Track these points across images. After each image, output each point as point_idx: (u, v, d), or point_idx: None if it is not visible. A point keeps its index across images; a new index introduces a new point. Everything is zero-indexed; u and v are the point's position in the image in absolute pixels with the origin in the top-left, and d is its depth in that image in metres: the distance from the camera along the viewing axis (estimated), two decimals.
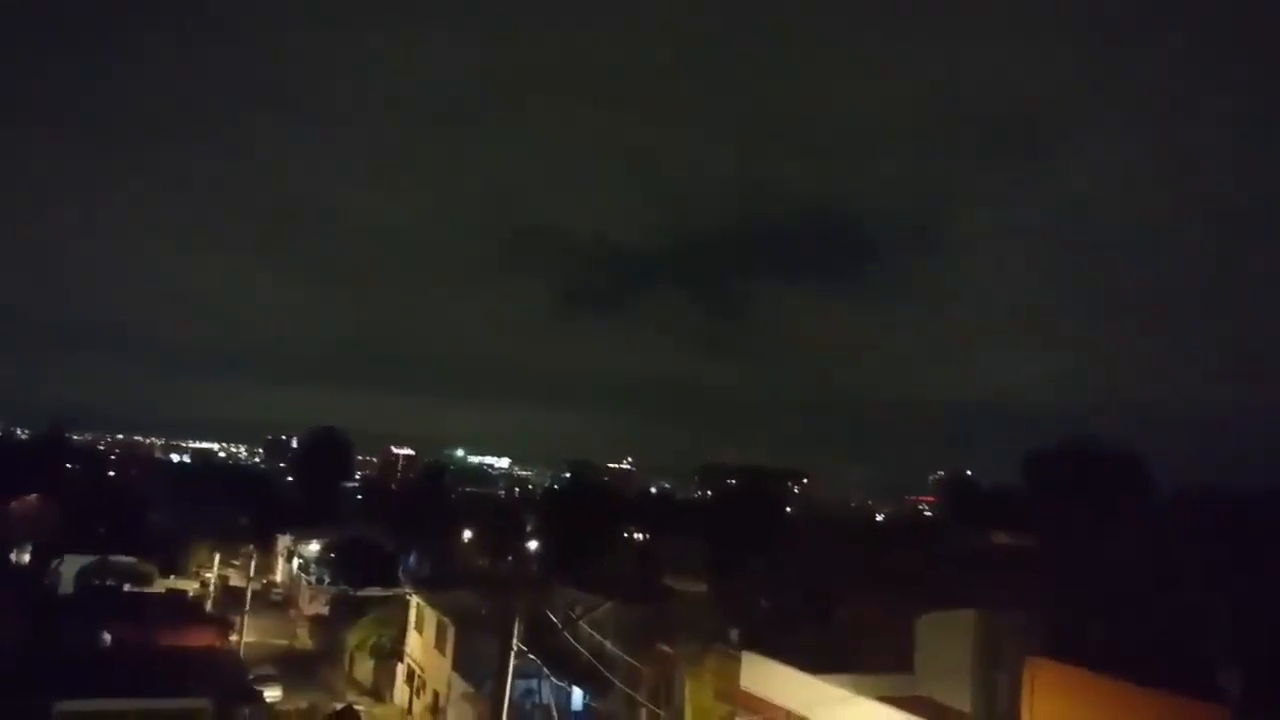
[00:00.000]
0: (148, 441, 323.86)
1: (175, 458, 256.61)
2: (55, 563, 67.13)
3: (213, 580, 69.17)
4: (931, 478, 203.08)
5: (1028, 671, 16.52)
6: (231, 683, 46.03)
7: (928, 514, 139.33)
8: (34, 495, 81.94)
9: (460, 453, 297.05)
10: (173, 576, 75.79)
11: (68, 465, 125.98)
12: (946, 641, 22.05)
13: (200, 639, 50.08)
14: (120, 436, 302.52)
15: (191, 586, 72.32)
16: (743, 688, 24.19)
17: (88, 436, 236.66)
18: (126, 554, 69.98)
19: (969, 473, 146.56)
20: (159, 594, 65.41)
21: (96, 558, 67.59)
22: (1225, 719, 13.27)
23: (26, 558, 70.99)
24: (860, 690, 20.79)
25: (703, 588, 42.77)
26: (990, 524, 60.02)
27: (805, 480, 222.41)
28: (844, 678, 21.81)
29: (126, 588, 65.24)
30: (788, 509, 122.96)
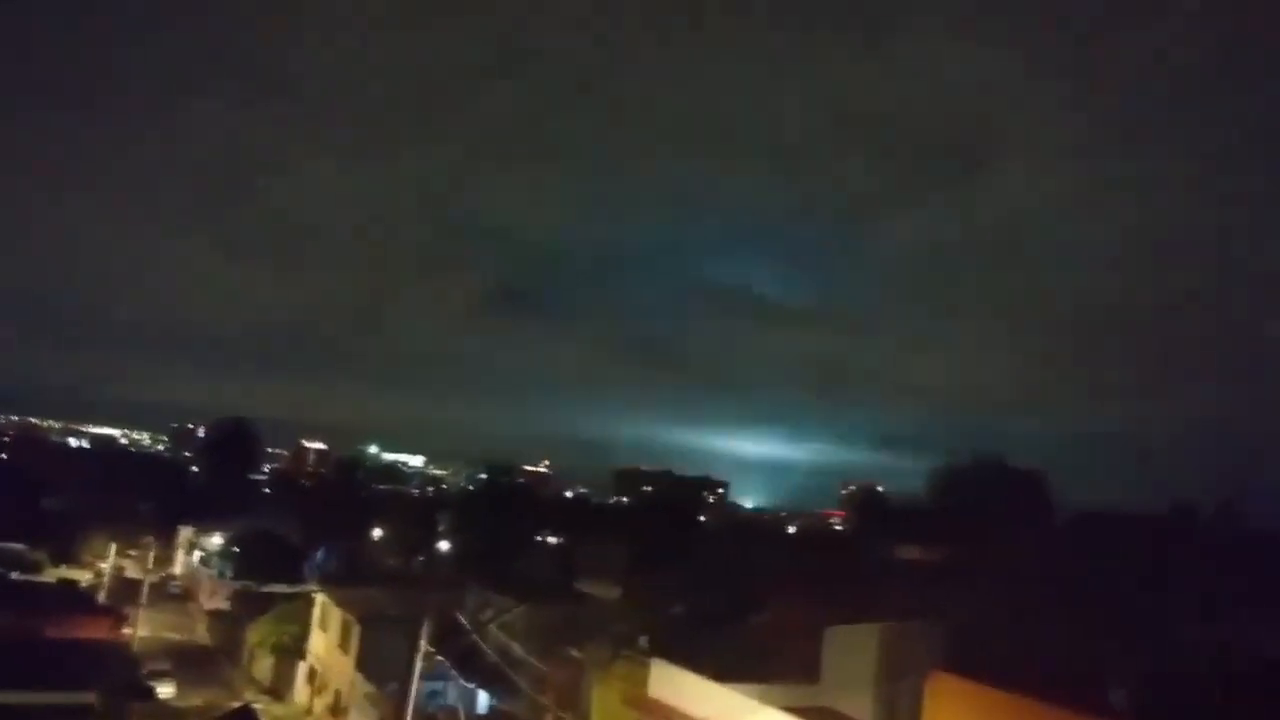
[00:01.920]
0: (44, 424, 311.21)
1: (74, 442, 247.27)
2: None
3: (107, 571, 66.81)
4: (843, 491, 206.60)
5: (929, 684, 16.84)
6: (122, 677, 44.44)
7: (838, 527, 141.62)
8: None
9: (374, 449, 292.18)
10: (65, 566, 73.13)
11: None
12: (852, 653, 22.37)
13: (91, 631, 48.27)
14: (15, 418, 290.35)
15: (84, 576, 69.85)
16: (651, 695, 24.17)
17: None
18: (16, 541, 67.30)
19: (879, 488, 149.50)
20: (49, 583, 62.95)
21: None
22: None
23: None
24: (767, 700, 20.93)
25: (615, 592, 42.71)
26: (898, 538, 61.33)
27: (720, 489, 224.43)
28: (751, 687, 21.94)
29: (14, 575, 62.58)
30: (702, 517, 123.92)
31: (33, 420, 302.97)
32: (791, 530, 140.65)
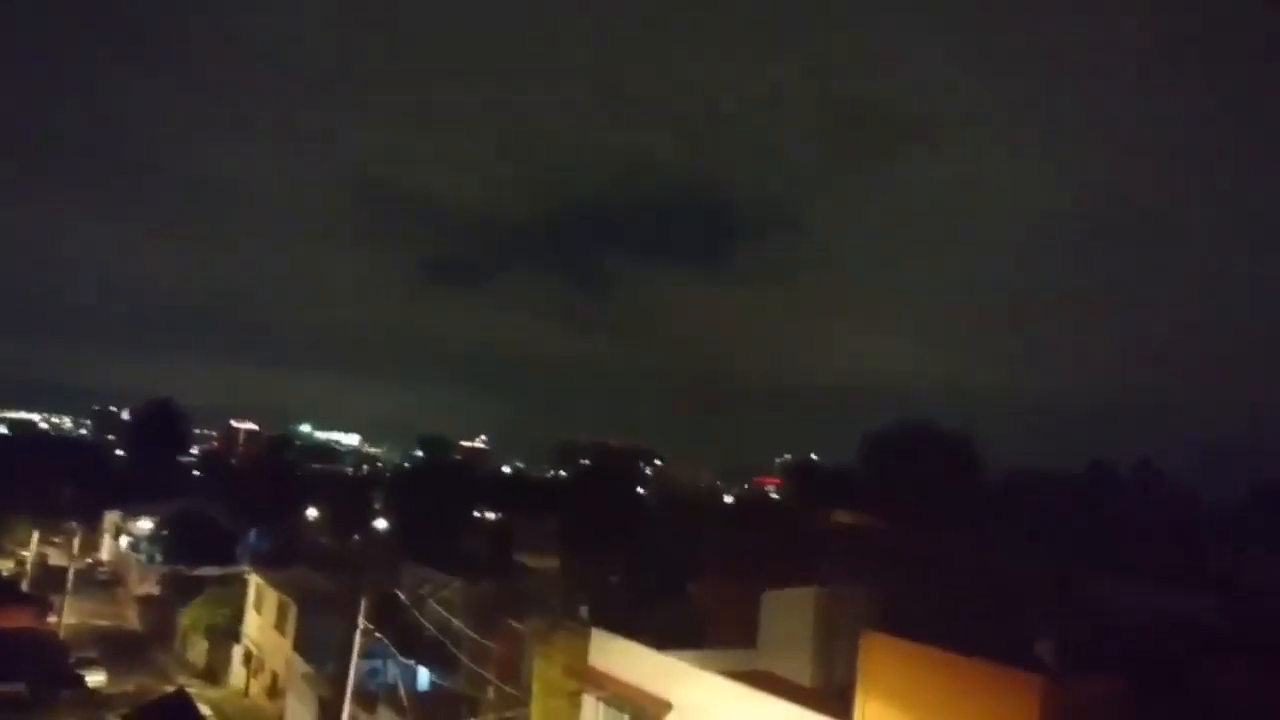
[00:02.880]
0: None
1: None
2: None
3: (30, 558, 64.97)
4: (778, 460, 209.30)
5: (862, 644, 17.26)
6: (50, 666, 43.51)
7: (774, 496, 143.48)
8: None
9: (307, 428, 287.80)
10: None
11: None
12: (787, 617, 22.79)
13: (15, 620, 47.17)
14: None
15: (6, 565, 67.94)
16: (591, 664, 24.35)
17: None
18: None
19: (813, 456, 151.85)
20: None
21: None
22: (1041, 685, 14.20)
23: None
24: (705, 665, 21.24)
25: (554, 564, 42.91)
26: (832, 504, 62.47)
27: (657, 461, 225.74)
28: (690, 654, 22.25)
29: None
30: (640, 489, 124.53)
31: None
32: (728, 499, 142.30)
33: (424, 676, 35.12)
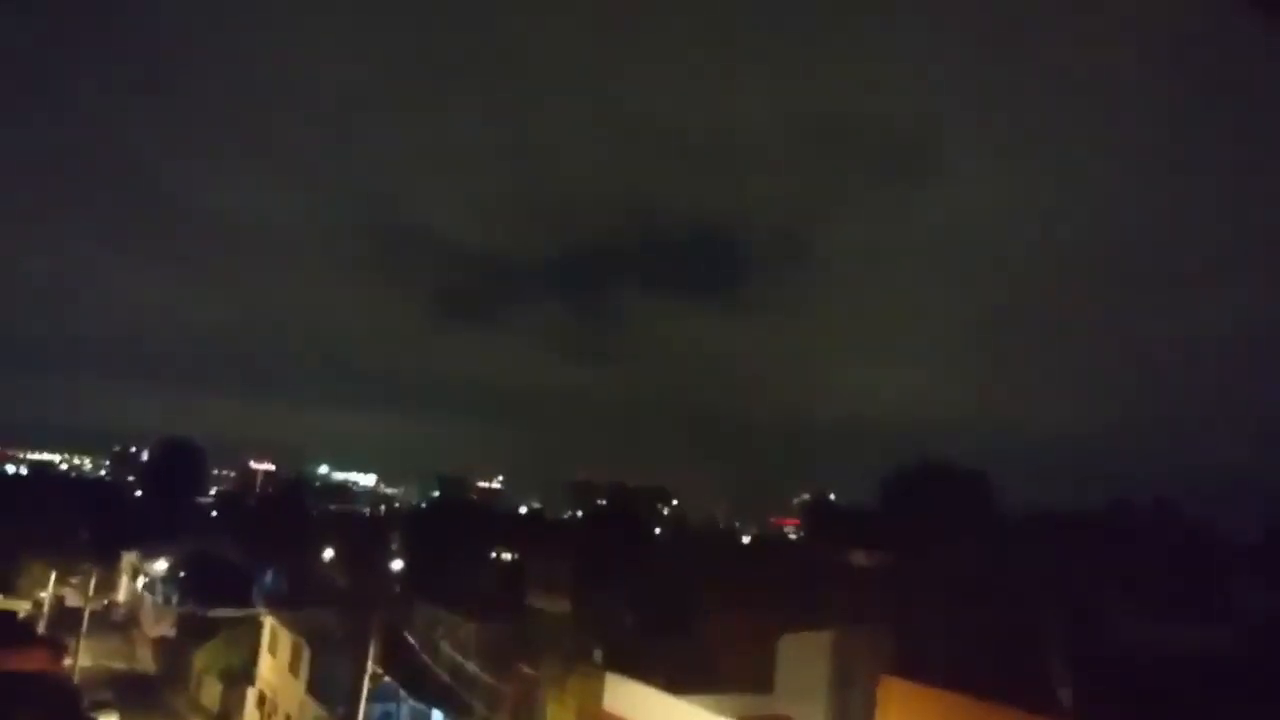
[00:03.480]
0: None
1: (10, 469, 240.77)
2: None
3: (47, 600, 65.02)
4: (795, 500, 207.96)
5: (880, 689, 17.05)
6: (64, 708, 43.35)
7: (791, 536, 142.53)
8: None
9: (324, 469, 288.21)
10: (2, 595, 71.08)
11: None
12: (804, 660, 22.55)
13: (30, 662, 47.07)
14: None
15: (23, 606, 67.96)
16: (605, 708, 24.13)
17: None
18: None
19: (830, 496, 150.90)
20: None
21: None
22: None
23: None
24: (721, 710, 21.01)
25: (566, 606, 42.61)
26: (849, 544, 61.94)
27: (674, 501, 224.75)
28: (705, 698, 22.02)
29: None
30: (656, 530, 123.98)
31: None
32: (745, 540, 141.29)
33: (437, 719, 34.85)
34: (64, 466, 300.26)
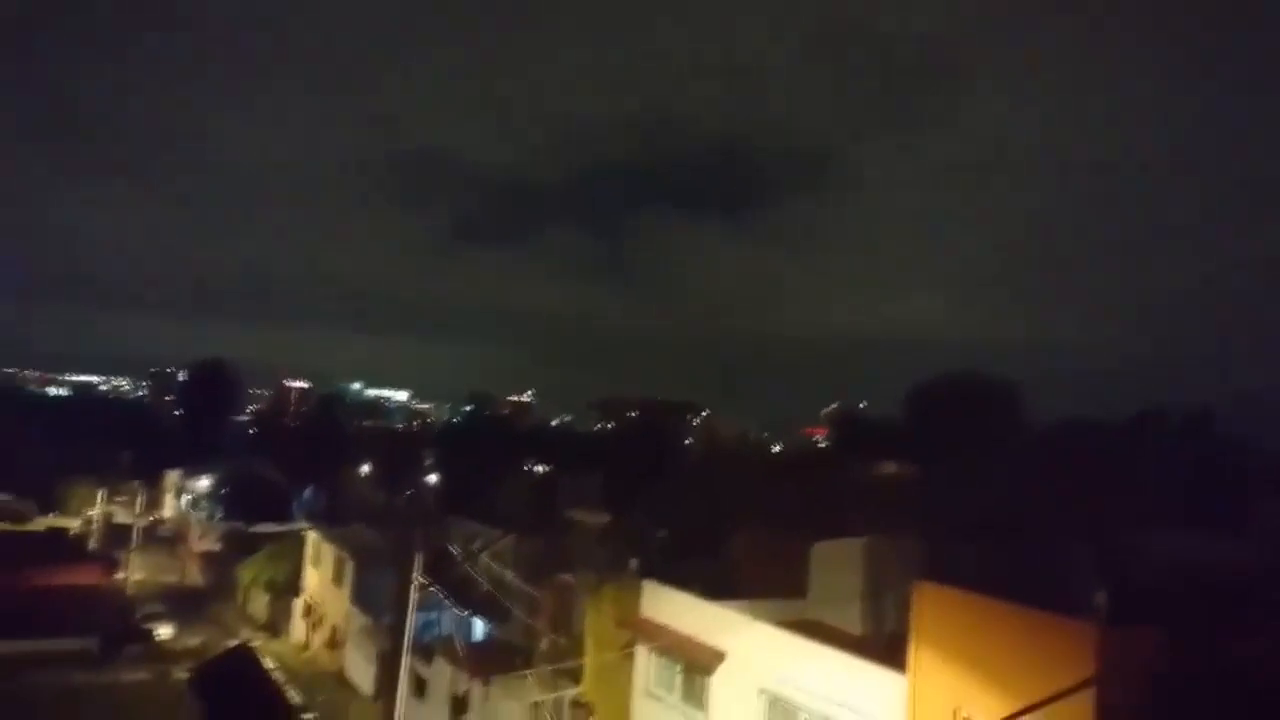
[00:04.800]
0: (21, 374, 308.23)
1: (52, 391, 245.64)
2: None
3: (96, 517, 66.97)
4: (824, 411, 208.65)
5: (914, 594, 17.29)
6: (118, 621, 45.08)
7: (821, 446, 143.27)
8: None
9: (357, 386, 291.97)
10: (53, 514, 73.29)
11: None
12: (837, 569, 22.90)
13: (84, 578, 48.71)
14: None
15: (73, 524, 70.06)
16: (642, 616, 24.72)
17: None
18: (1, 492, 67.33)
19: (860, 405, 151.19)
20: (38, 532, 63.14)
21: None
22: (1097, 634, 14.15)
23: None
24: (756, 616, 21.47)
25: (603, 519, 43.31)
26: (878, 455, 62.26)
27: (703, 414, 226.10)
28: (741, 604, 22.49)
29: (2, 526, 62.76)
30: (686, 442, 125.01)
31: (8, 370, 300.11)
32: (775, 450, 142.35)
33: (478, 628, 35.88)
34: (103, 388, 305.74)
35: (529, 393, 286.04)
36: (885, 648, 18.92)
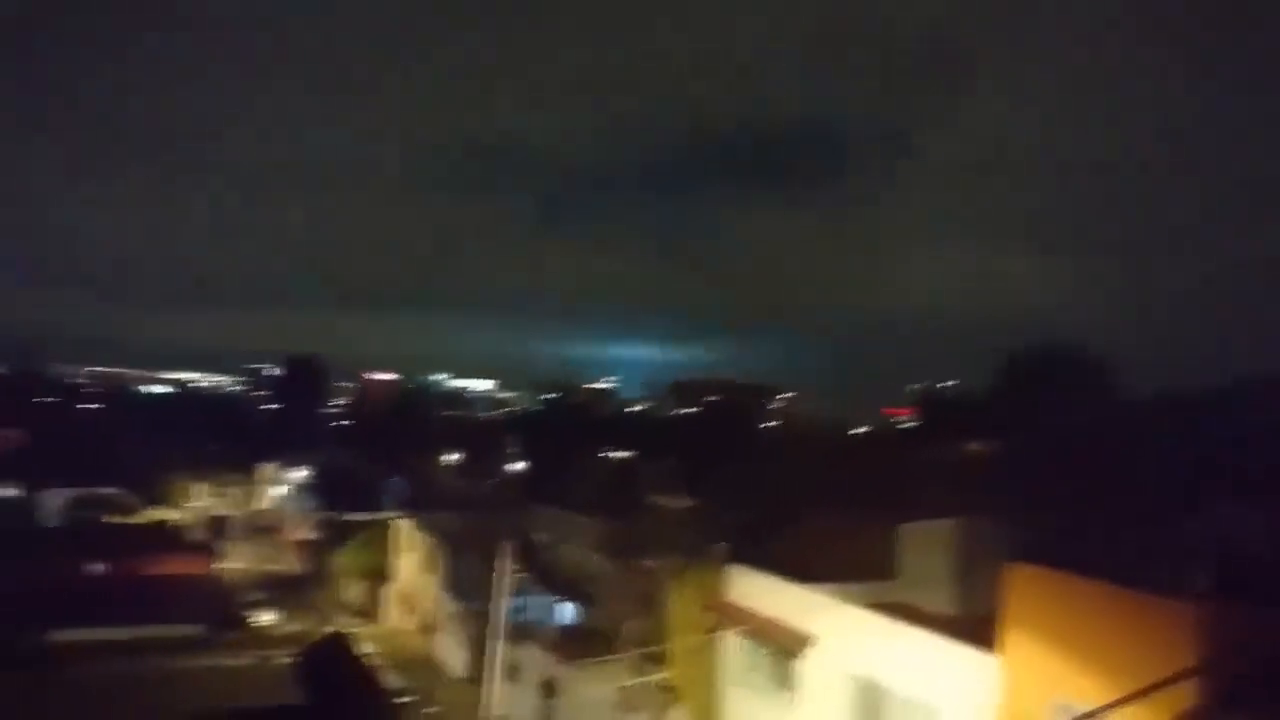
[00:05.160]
0: (124, 373, 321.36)
1: (154, 389, 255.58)
2: (38, 496, 67.19)
3: (198, 509, 69.49)
4: (907, 390, 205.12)
5: (1006, 575, 16.93)
6: (222, 608, 46.78)
7: (904, 426, 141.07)
8: (13, 430, 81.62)
9: (440, 376, 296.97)
10: (158, 507, 76.21)
11: (45, 399, 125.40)
12: (926, 550, 22.55)
13: (188, 567, 50.62)
14: (97, 369, 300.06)
15: (176, 516, 72.79)
16: (727, 599, 24.72)
17: (63, 370, 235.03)
18: (109, 486, 70.20)
19: (946, 383, 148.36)
20: (144, 524, 65.80)
21: (80, 490, 67.78)
22: (1198, 614, 13.67)
23: (10, 492, 70.98)
24: (844, 598, 21.29)
25: (684, 503, 43.39)
26: (964, 432, 60.99)
27: (781, 396, 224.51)
28: (828, 586, 22.31)
29: (111, 519, 65.54)
30: (765, 424, 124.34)
31: (113, 370, 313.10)
32: (855, 432, 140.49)
33: (565, 613, 36.34)
34: (202, 384, 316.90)
35: (607, 379, 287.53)
36: (976, 630, 18.60)
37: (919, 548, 22.81)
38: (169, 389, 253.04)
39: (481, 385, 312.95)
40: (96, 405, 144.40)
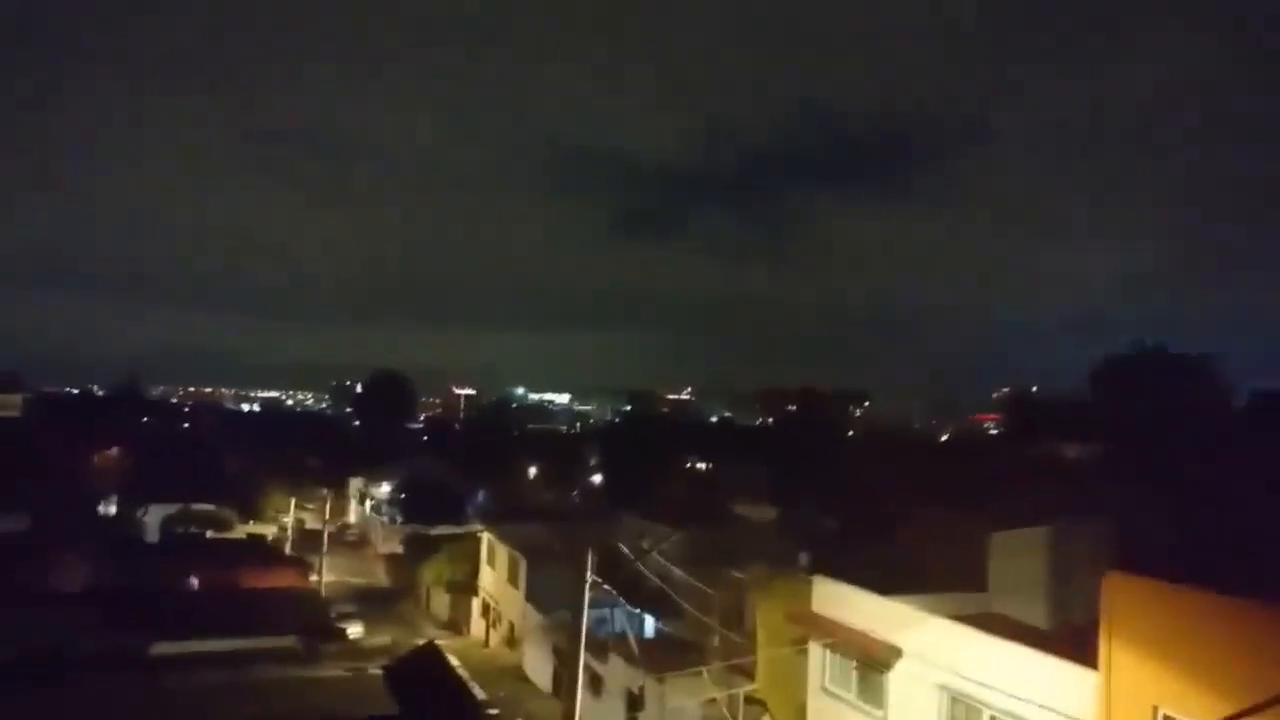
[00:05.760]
0: (218, 392, 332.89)
1: (245, 407, 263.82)
2: (140, 512, 69.74)
3: (290, 523, 71.30)
4: (995, 394, 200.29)
5: (1105, 585, 16.30)
6: (315, 621, 47.77)
7: (992, 432, 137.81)
8: (115, 448, 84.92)
9: (521, 390, 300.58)
10: (251, 521, 78.43)
11: (144, 419, 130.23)
12: (1019, 558, 21.91)
13: (282, 580, 51.91)
14: (192, 389, 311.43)
15: (270, 530, 74.77)
16: (815, 611, 24.34)
17: (160, 390, 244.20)
18: (206, 502, 72.49)
19: (1033, 388, 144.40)
20: (240, 539, 67.82)
21: (179, 506, 70.13)
22: None
23: (113, 509, 73.85)
24: (934, 610, 20.78)
25: (770, 513, 42.99)
26: (1057, 436, 59.25)
27: (866, 402, 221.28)
28: (917, 598, 21.79)
29: (209, 534, 67.69)
30: (850, 432, 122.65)
31: (208, 389, 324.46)
32: (943, 438, 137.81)
33: (650, 624, 36.22)
34: (289, 402, 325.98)
35: (688, 390, 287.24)
36: (1073, 642, 17.96)
37: (1011, 556, 22.17)
38: (256, 407, 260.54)
39: (561, 398, 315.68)
40: (193, 424, 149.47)
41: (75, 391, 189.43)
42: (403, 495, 79.34)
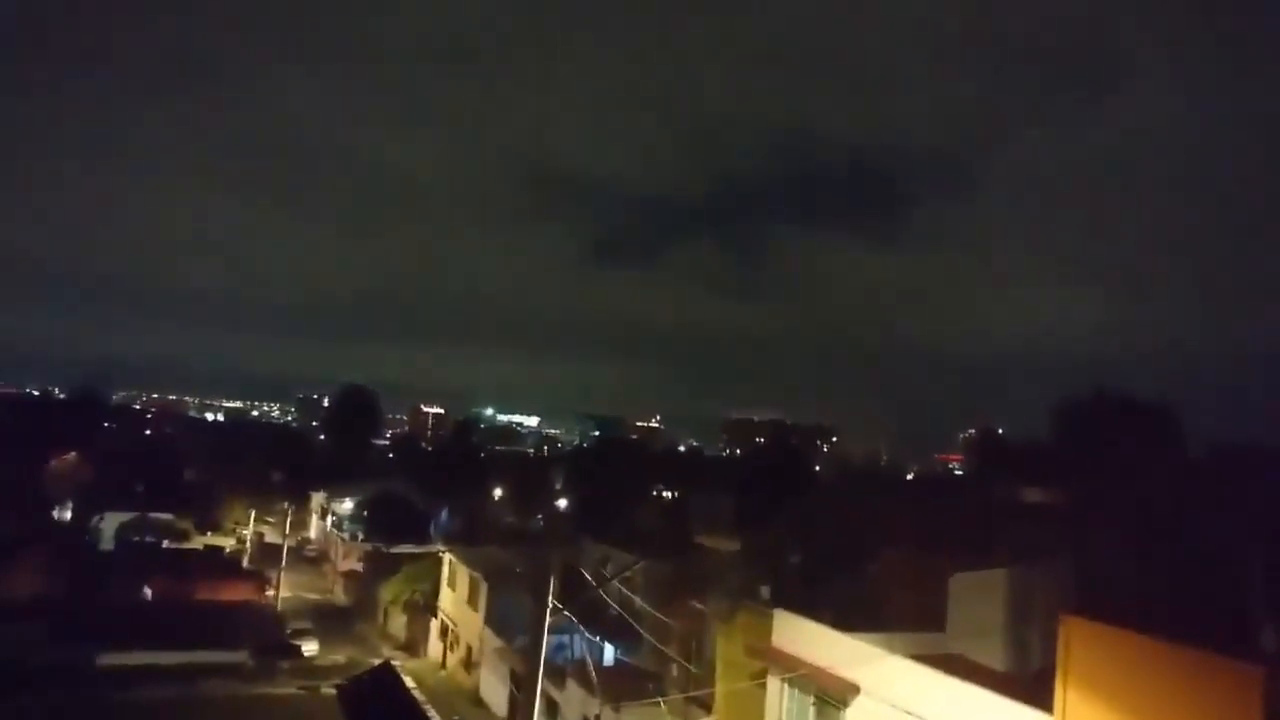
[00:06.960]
0: (182, 400, 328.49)
1: (209, 416, 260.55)
2: (95, 519, 68.63)
3: (249, 536, 70.39)
4: (962, 436, 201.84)
5: (1062, 629, 16.41)
6: (269, 636, 47.11)
7: (958, 472, 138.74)
8: (72, 453, 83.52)
9: (490, 411, 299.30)
10: (210, 533, 77.42)
11: (104, 424, 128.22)
12: (978, 600, 22.00)
13: (238, 593, 51.19)
14: (155, 395, 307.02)
15: (228, 542, 73.83)
16: (775, 645, 24.30)
17: (123, 395, 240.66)
18: (164, 511, 71.50)
19: (999, 430, 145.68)
20: (197, 550, 66.88)
21: (135, 515, 69.11)
22: (1261, 677, 13.13)
23: (68, 515, 72.56)
24: (892, 648, 20.80)
25: (734, 545, 42.94)
26: (1020, 480, 59.67)
27: (834, 438, 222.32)
28: (876, 636, 21.82)
29: (165, 544, 66.67)
30: (816, 467, 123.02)
31: (171, 396, 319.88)
32: (909, 477, 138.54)
33: (609, 652, 36.00)
34: (254, 413, 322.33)
35: (656, 418, 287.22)
36: (1030, 686, 18.05)
37: (971, 597, 22.26)
38: (222, 417, 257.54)
39: (530, 420, 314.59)
40: (155, 431, 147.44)
41: (35, 393, 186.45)
42: (365, 512, 78.52)
